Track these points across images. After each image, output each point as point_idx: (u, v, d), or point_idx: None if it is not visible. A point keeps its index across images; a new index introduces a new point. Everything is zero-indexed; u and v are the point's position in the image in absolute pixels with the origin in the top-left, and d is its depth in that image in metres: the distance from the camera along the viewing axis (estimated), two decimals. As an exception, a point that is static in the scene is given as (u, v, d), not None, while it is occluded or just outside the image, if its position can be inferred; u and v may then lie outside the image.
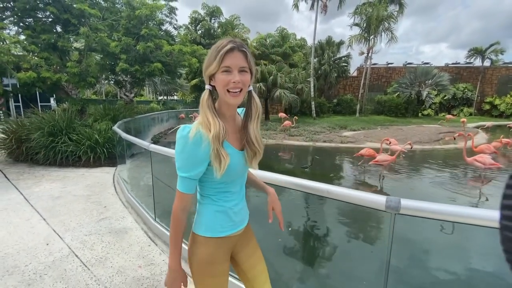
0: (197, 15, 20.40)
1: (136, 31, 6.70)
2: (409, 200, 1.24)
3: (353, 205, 1.46)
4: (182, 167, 0.92)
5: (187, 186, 0.94)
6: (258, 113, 1.04)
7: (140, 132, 9.10)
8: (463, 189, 5.77)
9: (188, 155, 0.91)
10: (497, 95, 24.26)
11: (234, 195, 1.06)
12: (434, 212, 1.17)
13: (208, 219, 1.02)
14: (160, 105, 18.73)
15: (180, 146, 0.92)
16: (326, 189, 1.51)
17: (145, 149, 3.25)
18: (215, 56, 0.90)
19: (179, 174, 0.93)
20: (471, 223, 1.09)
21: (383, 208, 1.29)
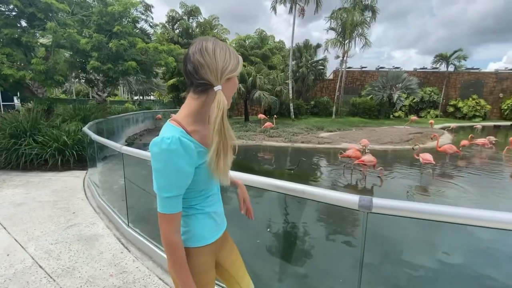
0: (175, 14, 19.97)
1: (109, 28, 6.39)
2: (381, 199, 1.28)
3: (329, 205, 1.50)
4: (167, 186, 0.81)
5: (174, 205, 0.84)
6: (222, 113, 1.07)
7: (113, 134, 8.71)
8: (431, 186, 6.14)
9: (174, 170, 0.79)
10: (460, 98, 26.17)
11: (214, 198, 1.04)
12: (405, 210, 1.22)
13: (197, 229, 0.97)
14: (135, 106, 18.07)
15: (162, 162, 0.79)
16: (301, 189, 1.53)
17: (117, 151, 3.10)
18: (237, 60, 0.89)
19: (163, 195, 0.81)
20: (440, 220, 1.15)
21: (356, 207, 1.33)
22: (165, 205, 0.83)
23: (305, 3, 18.42)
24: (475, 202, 5.21)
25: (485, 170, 7.47)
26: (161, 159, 0.79)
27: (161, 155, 0.78)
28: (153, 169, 0.82)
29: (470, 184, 6.20)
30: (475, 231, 3.62)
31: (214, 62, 0.84)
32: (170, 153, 0.78)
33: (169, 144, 0.77)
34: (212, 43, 0.86)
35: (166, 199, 0.82)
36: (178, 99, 21.67)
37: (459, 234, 3.70)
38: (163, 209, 0.83)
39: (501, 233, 3.44)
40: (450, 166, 7.84)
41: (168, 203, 0.83)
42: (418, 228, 3.85)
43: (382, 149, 9.81)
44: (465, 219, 1.10)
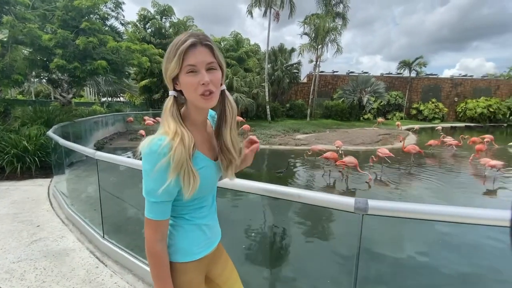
0: (146, 12, 19.25)
1: (75, 24, 5.92)
2: (376, 200, 1.30)
3: (318, 206, 1.50)
4: (154, 190, 0.75)
5: (162, 211, 0.78)
6: (233, 115, 0.91)
7: (80, 138, 8.10)
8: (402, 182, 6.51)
9: (161, 174, 0.74)
10: (421, 102, 28.28)
11: (207, 209, 0.95)
12: (400, 211, 1.24)
13: (183, 242, 0.88)
14: (104, 108, 17.03)
15: (150, 164, 0.74)
16: (297, 193, 1.51)
17: (90, 157, 2.87)
18: (174, 54, 0.76)
19: (150, 200, 0.77)
20: (436, 219, 1.19)
21: (352, 210, 1.33)
22: (152, 210, 0.77)
23: (280, 8, 18.75)
24: (437, 196, 5.62)
25: (447, 168, 8.10)
26: (150, 161, 0.74)
27: (150, 156, 0.74)
28: (142, 170, 0.76)
29: (433, 180, 6.68)
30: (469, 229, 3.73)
31: (163, 65, 0.81)
32: (160, 155, 0.73)
33: (160, 145, 0.73)
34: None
35: (153, 204, 0.77)
36: (151, 101, 20.85)
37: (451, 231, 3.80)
38: (150, 214, 0.78)
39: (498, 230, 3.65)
40: (414, 165, 8.38)
41: (156, 209, 0.77)
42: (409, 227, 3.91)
43: (355, 150, 10.23)
44: (462, 217, 1.14)
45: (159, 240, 0.79)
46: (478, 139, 10.73)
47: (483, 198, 5.74)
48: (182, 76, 0.77)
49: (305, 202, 1.49)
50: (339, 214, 3.97)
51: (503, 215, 1.13)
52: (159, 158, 0.73)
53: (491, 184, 6.41)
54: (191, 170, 0.77)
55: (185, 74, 0.77)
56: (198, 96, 0.78)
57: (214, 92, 0.80)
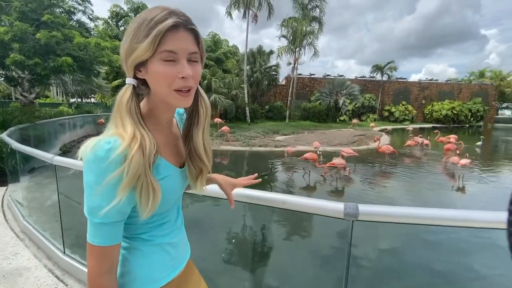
0: (119, 9, 18.40)
1: (36, 17, 5.39)
2: (367, 205, 1.21)
3: (305, 213, 1.39)
4: (100, 208, 0.57)
5: (111, 234, 0.60)
6: (207, 115, 0.76)
7: (44, 141, 7.44)
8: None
9: (109, 189, 0.56)
10: (392, 104, 29.71)
11: (170, 225, 0.77)
12: (392, 216, 1.16)
13: (142, 268, 0.70)
14: (72, 109, 15.94)
15: (94, 175, 0.56)
16: (281, 199, 1.39)
17: (48, 162, 2.55)
18: (146, 33, 0.57)
19: (94, 221, 0.58)
20: (429, 223, 1.12)
21: (341, 216, 1.24)
22: (98, 233, 0.59)
23: (258, 9, 18.79)
24: (411, 195, 5.81)
25: (420, 167, 8.46)
26: (95, 170, 0.56)
27: (96, 165, 0.55)
28: (84, 182, 0.58)
29: (406, 179, 6.93)
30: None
31: (123, 44, 0.62)
32: (109, 163, 0.55)
33: (108, 150, 0.55)
34: (137, 16, 0.63)
35: (99, 225, 0.58)
36: (124, 102, 19.85)
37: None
38: (94, 239, 0.59)
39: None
40: (387, 164, 8.68)
41: (102, 232, 0.59)
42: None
43: (333, 151, 10.40)
44: (454, 221, 1.08)
45: (105, 272, 0.61)
46: (445, 139, 11.43)
47: (454, 195, 6.04)
48: (155, 63, 0.59)
49: (290, 208, 1.37)
50: (324, 218, 3.89)
51: (494, 217, 1.08)
52: (108, 168, 0.55)
53: (460, 182, 6.77)
54: (151, 183, 0.60)
55: (159, 61, 0.59)
56: (172, 91, 0.62)
57: (193, 88, 0.65)
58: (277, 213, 4.42)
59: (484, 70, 39.29)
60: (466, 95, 30.89)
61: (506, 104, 40.31)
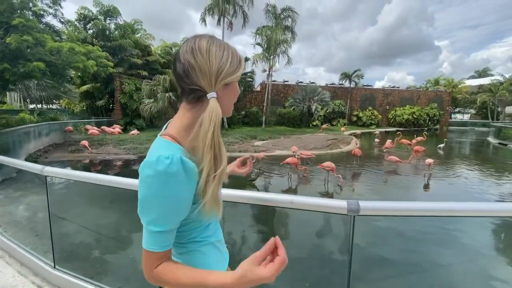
0: (87, 11, 17.55)
1: (5, 20, 5.03)
2: (367, 201, 1.40)
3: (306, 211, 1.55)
4: (160, 218, 0.65)
5: (166, 241, 0.68)
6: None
7: (7, 151, 6.86)
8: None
9: (170, 200, 0.64)
10: (360, 110, 31.58)
11: (214, 223, 0.89)
12: (391, 210, 1.37)
13: (206, 266, 0.79)
14: (34, 116, 14.73)
15: (155, 189, 0.63)
16: (290, 200, 1.54)
17: (31, 173, 2.45)
18: (238, 61, 0.76)
19: (153, 230, 0.65)
20: (426, 215, 1.34)
21: (345, 212, 1.42)
22: (154, 241, 0.66)
23: (233, 17, 19.06)
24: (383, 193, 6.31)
25: (391, 168, 9.15)
26: (153, 184, 0.63)
27: (156, 179, 0.62)
28: (140, 197, 0.66)
29: (380, 179, 7.49)
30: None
31: (207, 64, 0.70)
32: (169, 177, 0.62)
33: (169, 165, 0.62)
34: (207, 40, 0.73)
35: (156, 234, 0.66)
36: (93, 108, 18.88)
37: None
38: (151, 246, 0.66)
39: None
40: (358, 165, 9.27)
41: (159, 239, 0.66)
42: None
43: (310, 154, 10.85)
44: (449, 211, 1.31)
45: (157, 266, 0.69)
46: (405, 141, 12.51)
47: (422, 192, 6.65)
48: (235, 84, 0.79)
49: (298, 208, 1.53)
50: (321, 215, 4.11)
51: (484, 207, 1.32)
52: (166, 179, 0.63)
53: (426, 180, 7.46)
54: (219, 196, 0.75)
55: (236, 82, 0.79)
56: (232, 104, 0.82)
57: None
58: (283, 215, 4.53)
59: (439, 78, 43.44)
60: (424, 101, 33.84)
61: (458, 109, 44.99)
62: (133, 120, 17.64)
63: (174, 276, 0.66)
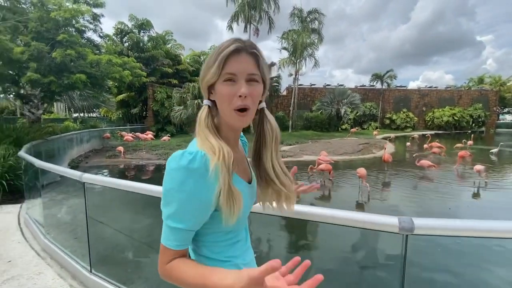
0: (124, 26, 18.83)
1: (51, 36, 5.53)
2: (422, 218, 1.21)
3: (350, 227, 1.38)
4: (178, 214, 0.63)
5: (181, 239, 0.65)
6: (273, 137, 0.77)
7: (53, 156, 7.46)
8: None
9: (189, 196, 0.61)
10: (393, 112, 29.90)
11: (242, 244, 0.79)
12: (448, 229, 1.16)
13: None
14: (77, 124, 16.05)
15: (176, 182, 0.62)
16: (330, 214, 1.39)
17: (72, 179, 2.56)
18: (215, 59, 0.66)
19: (170, 225, 0.64)
20: (488, 236, 1.12)
21: (396, 230, 1.23)
22: (170, 237, 0.65)
23: (258, 23, 19.22)
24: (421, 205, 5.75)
25: (434, 175, 8.42)
26: (175, 178, 0.62)
27: (178, 173, 0.61)
28: (163, 189, 0.64)
29: (423, 188, 6.88)
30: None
31: (200, 75, 0.72)
32: (190, 172, 0.61)
33: (191, 160, 0.61)
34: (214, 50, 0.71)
35: (173, 230, 0.64)
36: (128, 116, 20.06)
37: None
38: (166, 241, 0.65)
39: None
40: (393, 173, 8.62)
41: (174, 236, 0.64)
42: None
43: (341, 160, 10.41)
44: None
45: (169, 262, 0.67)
46: (434, 145, 11.36)
47: (472, 204, 5.94)
48: (219, 85, 0.68)
49: (340, 223, 1.37)
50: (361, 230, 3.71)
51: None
52: (189, 176, 0.61)
53: (476, 189, 6.66)
54: (233, 189, 0.65)
55: (222, 82, 0.67)
56: (231, 110, 0.67)
57: (250, 108, 0.68)
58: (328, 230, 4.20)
59: (483, 76, 39.76)
60: (466, 101, 31.11)
61: (507, 109, 40.55)
62: (164, 127, 18.42)
63: (180, 275, 0.64)
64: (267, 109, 0.80)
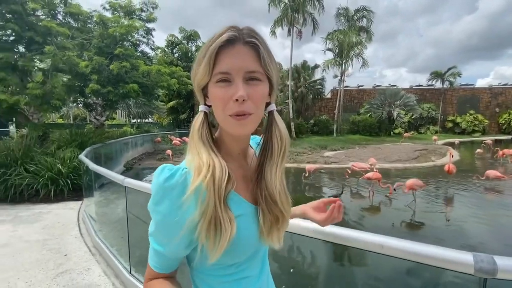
0: (174, 38, 20.39)
1: (110, 51, 6.22)
2: (507, 258, 0.89)
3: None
4: (155, 234, 0.56)
5: (161, 263, 0.57)
6: (282, 148, 0.61)
7: (111, 158, 8.28)
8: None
9: (165, 218, 0.52)
10: (457, 114, 26.38)
11: (251, 281, 0.63)
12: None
13: None
14: (133, 129, 17.80)
15: (153, 201, 0.54)
16: (378, 242, 1.12)
17: (119, 184, 2.69)
18: (204, 54, 0.53)
19: (151, 244, 0.57)
20: None
21: (470, 271, 0.93)
22: (152, 256, 0.58)
23: (302, 25, 18.91)
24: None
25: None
26: (153, 196, 0.54)
27: (154, 191, 0.53)
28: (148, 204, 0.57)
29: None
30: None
31: (192, 70, 0.58)
32: (165, 191, 0.52)
33: (168, 178, 0.52)
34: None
35: (153, 250, 0.57)
36: (177, 121, 21.55)
37: None
38: (149, 258, 0.59)
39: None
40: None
41: (155, 257, 0.57)
42: None
43: (393, 168, 9.45)
44: None
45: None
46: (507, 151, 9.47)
47: None
48: (211, 87, 0.54)
49: (391, 254, 1.10)
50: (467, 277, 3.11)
51: None
52: (165, 196, 0.52)
53: None
54: (222, 215, 0.52)
55: (214, 84, 0.53)
56: (227, 116, 0.53)
57: (252, 113, 0.53)
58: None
59: None
60: (555, 100, 25.92)
61: None
62: (209, 131, 19.24)
63: None
64: (310, 112, 0.63)
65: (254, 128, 0.56)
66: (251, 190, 0.63)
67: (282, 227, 0.63)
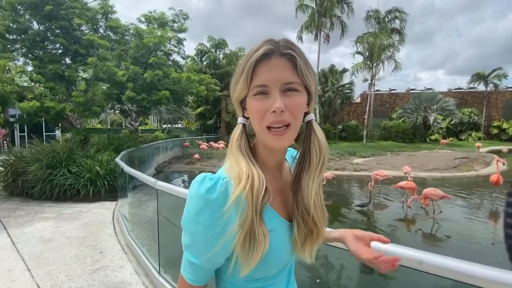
0: (203, 47, 21.19)
1: (144, 60, 6.65)
2: None
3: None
4: (192, 246, 0.55)
5: (196, 275, 0.57)
6: (321, 159, 0.59)
7: (144, 162, 8.74)
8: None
9: (204, 229, 0.52)
10: (504, 119, 23.97)
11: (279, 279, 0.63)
12: None
13: None
14: (164, 134, 18.71)
15: (192, 211, 0.54)
16: (417, 257, 1.03)
17: (151, 186, 2.80)
18: (242, 69, 0.54)
19: (187, 256, 0.57)
20: None
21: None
22: (186, 268, 0.57)
23: (330, 30, 18.62)
24: None
25: None
26: (192, 206, 0.54)
27: (194, 202, 0.54)
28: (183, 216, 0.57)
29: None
30: None
31: (231, 84, 0.60)
32: (207, 201, 0.52)
33: (210, 188, 0.52)
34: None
35: (188, 262, 0.57)
36: (205, 127, 22.22)
37: None
38: (183, 270, 0.58)
39: None
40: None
41: (190, 269, 0.57)
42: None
43: (430, 177, 8.79)
44: None
45: None
46: None
47: None
48: (249, 100, 0.56)
49: (431, 272, 1.01)
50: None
51: None
52: (205, 208, 0.52)
53: None
54: (256, 230, 0.51)
55: (252, 97, 0.55)
56: (264, 128, 0.54)
57: (290, 124, 0.54)
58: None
59: None
60: None
61: None
62: (235, 137, 19.58)
63: None
64: (337, 117, 0.62)
65: (292, 140, 0.57)
66: (285, 203, 0.63)
67: (316, 242, 0.61)
